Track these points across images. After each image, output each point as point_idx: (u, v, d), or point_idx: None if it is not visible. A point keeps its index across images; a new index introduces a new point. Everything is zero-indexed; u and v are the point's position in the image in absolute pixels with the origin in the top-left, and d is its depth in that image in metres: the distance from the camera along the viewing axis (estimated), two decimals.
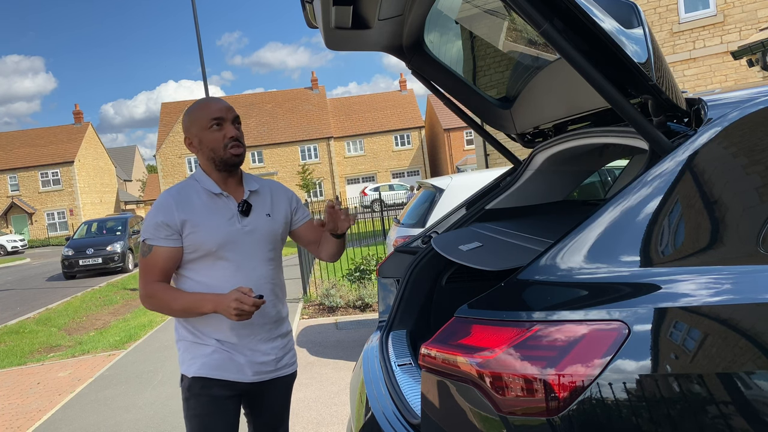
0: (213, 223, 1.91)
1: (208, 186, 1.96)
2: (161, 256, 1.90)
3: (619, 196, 1.29)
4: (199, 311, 1.86)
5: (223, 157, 1.93)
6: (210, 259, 1.91)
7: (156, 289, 1.91)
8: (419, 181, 6.77)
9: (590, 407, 1.12)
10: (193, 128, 1.96)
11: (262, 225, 2.00)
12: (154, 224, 1.89)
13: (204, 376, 1.92)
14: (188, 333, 1.97)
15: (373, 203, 28.35)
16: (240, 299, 1.76)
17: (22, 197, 43.57)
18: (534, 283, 1.25)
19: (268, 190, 2.09)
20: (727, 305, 1.16)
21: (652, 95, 1.36)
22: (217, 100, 1.98)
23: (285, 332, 2.07)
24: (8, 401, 5.37)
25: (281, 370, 2.04)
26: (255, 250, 1.97)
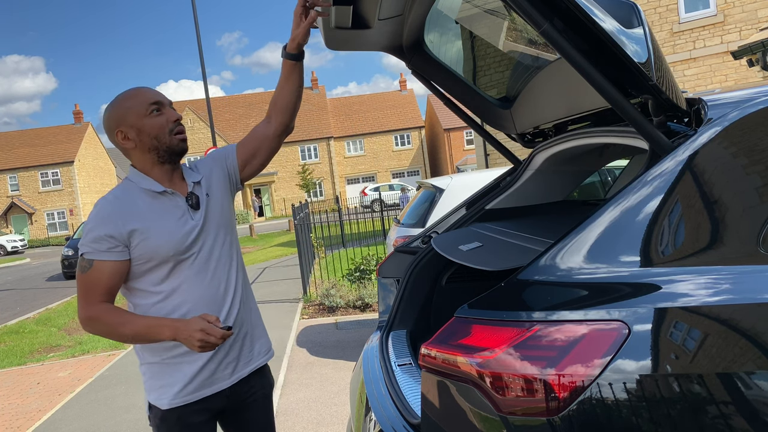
0: (165, 226, 1.71)
1: (149, 185, 1.75)
2: (104, 272, 1.67)
3: (619, 196, 1.29)
4: (154, 338, 1.65)
5: (170, 144, 1.74)
6: (168, 265, 1.72)
7: (100, 311, 1.67)
8: (419, 181, 6.77)
9: (590, 407, 1.12)
10: (129, 118, 1.72)
11: (212, 210, 1.82)
12: (94, 237, 1.67)
13: (180, 405, 1.75)
14: (151, 353, 1.77)
15: (373, 203, 28.34)
16: (206, 330, 1.57)
17: (22, 197, 43.56)
18: (534, 283, 1.24)
19: (205, 169, 1.90)
20: (727, 305, 1.16)
21: (653, 95, 1.36)
22: (145, 88, 1.79)
23: (255, 321, 1.92)
24: (8, 401, 5.37)
25: (255, 360, 1.89)
26: (213, 240, 1.80)
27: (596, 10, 1.26)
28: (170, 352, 1.75)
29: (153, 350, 1.76)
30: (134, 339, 1.68)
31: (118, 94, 1.80)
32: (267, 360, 1.97)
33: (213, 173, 1.90)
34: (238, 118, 48.11)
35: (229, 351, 1.82)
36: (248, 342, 1.88)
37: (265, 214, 45.52)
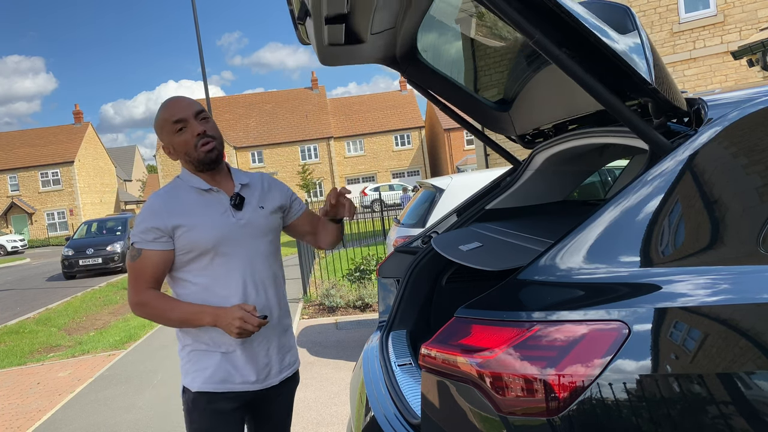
0: (207, 219, 1.84)
1: (196, 183, 1.89)
2: (151, 260, 1.82)
3: (619, 196, 1.29)
4: (196, 323, 1.80)
5: (198, 157, 1.85)
6: (207, 257, 1.84)
7: (149, 297, 1.82)
8: (419, 181, 6.77)
9: (590, 407, 1.12)
10: (162, 135, 1.89)
11: (256, 218, 1.93)
12: (144, 228, 1.82)
13: (210, 391, 1.85)
14: (192, 340, 1.88)
15: (373, 203, 28.34)
16: (244, 318, 1.71)
17: (22, 197, 43.57)
18: (534, 283, 1.24)
19: (259, 183, 2.03)
20: (727, 305, 1.16)
21: (653, 98, 1.36)
22: (176, 100, 1.90)
23: (286, 328, 2.02)
24: (8, 401, 5.37)
25: (285, 371, 1.99)
26: (252, 244, 1.90)
27: (589, 17, 1.25)
28: (209, 339, 1.85)
29: (194, 336, 1.86)
30: (180, 323, 1.83)
31: (160, 105, 1.93)
32: (295, 370, 2.07)
33: (276, 197, 2.04)
34: (238, 118, 48.11)
35: (266, 355, 1.92)
36: (281, 353, 1.98)
37: None
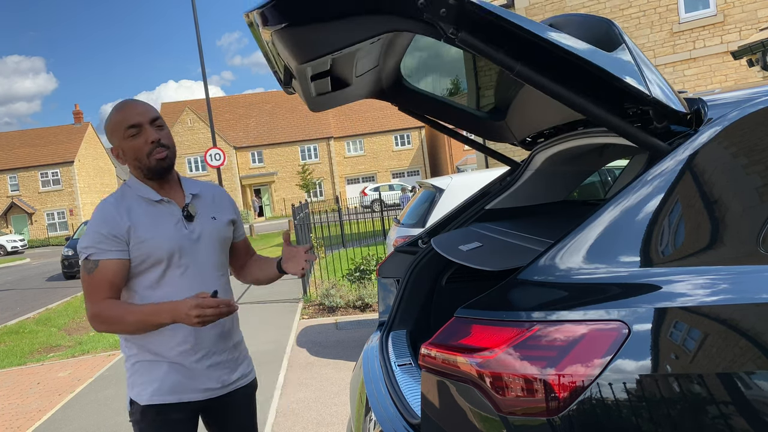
0: (160, 230, 1.79)
1: (146, 193, 1.83)
2: (110, 270, 1.74)
3: (619, 196, 1.29)
4: (155, 323, 1.72)
5: (149, 165, 1.79)
6: (160, 269, 1.79)
7: (105, 306, 1.74)
8: (419, 181, 6.77)
9: (590, 407, 1.12)
10: (114, 138, 1.81)
11: (209, 229, 1.88)
12: (99, 237, 1.74)
13: (159, 403, 1.80)
14: (138, 350, 1.82)
15: (373, 203, 28.34)
16: (200, 304, 1.64)
17: (22, 197, 43.57)
18: (534, 283, 1.24)
19: (210, 194, 1.98)
20: (727, 305, 1.16)
21: (653, 106, 1.36)
22: (132, 103, 1.82)
23: (237, 341, 1.97)
24: (8, 401, 5.37)
25: (238, 382, 1.94)
26: (205, 256, 1.86)
27: (573, 42, 1.26)
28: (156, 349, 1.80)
29: (140, 346, 1.81)
30: (138, 327, 1.75)
31: (113, 107, 1.86)
32: (251, 380, 2.01)
33: (225, 209, 2.00)
34: (238, 118, 48.11)
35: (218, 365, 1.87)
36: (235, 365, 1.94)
37: (265, 214, 45.52)
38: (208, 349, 1.84)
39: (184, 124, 44.27)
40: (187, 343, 1.80)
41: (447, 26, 1.25)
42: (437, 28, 1.26)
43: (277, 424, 4.01)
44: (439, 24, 1.25)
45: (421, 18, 1.24)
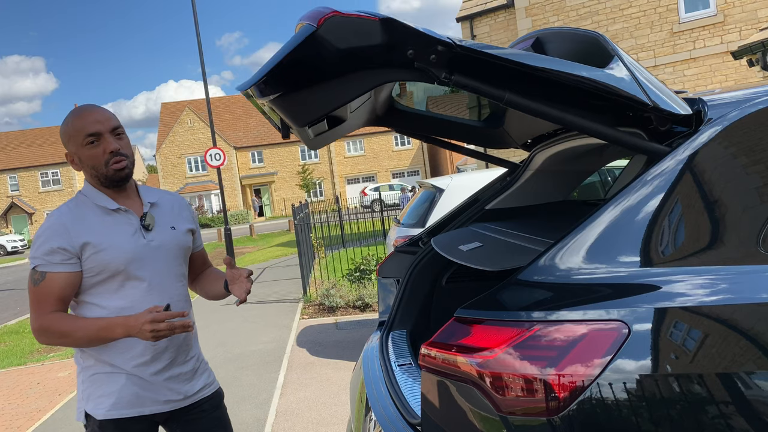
0: (117, 240, 1.74)
1: (102, 202, 1.78)
2: (57, 283, 1.69)
3: (619, 196, 1.29)
4: (108, 338, 1.68)
5: (107, 174, 1.75)
6: (118, 280, 1.74)
7: (52, 320, 1.69)
8: (419, 181, 6.77)
9: (590, 407, 1.12)
10: (70, 145, 1.76)
11: (168, 239, 1.85)
12: (48, 249, 1.69)
13: (117, 417, 1.74)
14: (95, 362, 1.77)
15: (373, 203, 28.34)
16: (155, 318, 1.61)
17: (22, 197, 43.58)
18: (534, 283, 1.24)
19: (169, 203, 1.94)
20: (727, 305, 1.16)
21: (654, 113, 1.36)
22: (91, 110, 1.76)
23: (196, 354, 1.93)
24: (8, 401, 5.37)
25: (201, 392, 1.91)
26: (164, 266, 1.82)
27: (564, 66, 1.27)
28: (112, 360, 1.76)
29: (96, 357, 1.77)
30: (89, 342, 1.71)
31: (70, 112, 1.81)
32: (212, 392, 1.97)
33: (184, 218, 1.96)
34: (238, 118, 48.11)
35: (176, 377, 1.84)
36: (196, 376, 1.91)
37: (265, 214, 45.52)
38: (166, 361, 1.80)
39: (184, 124, 44.27)
40: (146, 356, 1.76)
41: (439, 71, 1.27)
42: (430, 74, 1.27)
43: (277, 424, 4.01)
44: (430, 70, 1.27)
45: (413, 67, 1.26)
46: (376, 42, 1.23)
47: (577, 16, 12.95)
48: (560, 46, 1.63)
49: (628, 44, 12.48)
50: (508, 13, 14.38)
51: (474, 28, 14.89)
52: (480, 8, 14.69)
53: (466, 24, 14.94)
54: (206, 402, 1.92)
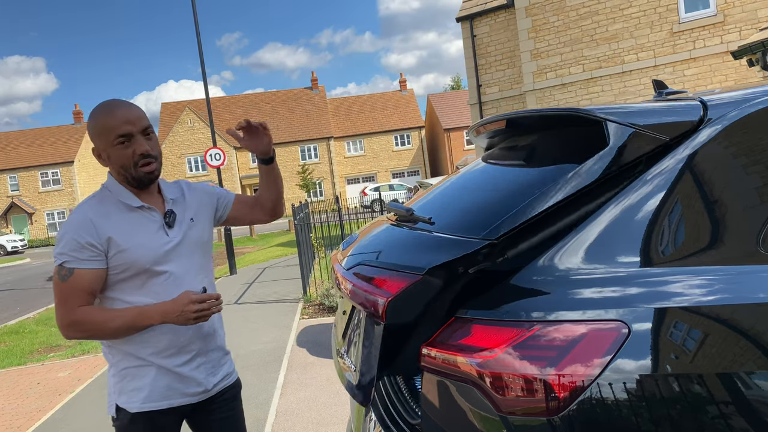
0: (141, 239, 1.75)
1: (126, 199, 1.78)
2: (85, 279, 1.69)
3: (619, 196, 1.28)
4: (143, 325, 1.70)
5: (135, 175, 1.76)
6: (142, 277, 1.75)
7: (83, 312, 1.69)
8: (419, 181, 6.77)
9: (590, 407, 1.12)
10: (99, 142, 1.75)
11: (189, 233, 1.86)
12: (76, 245, 1.68)
13: (149, 410, 1.77)
14: (123, 356, 1.78)
15: (373, 203, 28.34)
16: (199, 299, 1.65)
17: (22, 197, 43.58)
18: (534, 283, 1.24)
19: (183, 194, 1.94)
20: (727, 305, 1.16)
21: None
22: (123, 107, 1.75)
23: (220, 343, 1.96)
24: (8, 401, 5.37)
25: (222, 382, 1.93)
26: (187, 260, 1.83)
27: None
28: (140, 354, 1.78)
29: (125, 353, 1.78)
30: (125, 331, 1.71)
31: (98, 105, 1.79)
32: (234, 379, 2.01)
33: (203, 203, 1.96)
34: (238, 118, 47.99)
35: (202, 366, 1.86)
36: (220, 366, 1.93)
37: None
38: (192, 353, 1.83)
39: (184, 124, 44.28)
40: (173, 348, 1.79)
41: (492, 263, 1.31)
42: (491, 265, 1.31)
43: (277, 424, 4.01)
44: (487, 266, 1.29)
45: (473, 276, 1.29)
46: (437, 287, 1.27)
47: (577, 15, 12.95)
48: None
49: (628, 44, 12.48)
50: (508, 13, 14.38)
51: (474, 28, 14.89)
52: (480, 8, 14.69)
53: (466, 24, 14.94)
54: (227, 391, 1.95)
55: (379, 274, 1.40)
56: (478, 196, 1.52)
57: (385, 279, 1.36)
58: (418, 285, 1.27)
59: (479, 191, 1.56)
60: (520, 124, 1.78)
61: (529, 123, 1.75)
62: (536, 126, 1.71)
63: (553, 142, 1.57)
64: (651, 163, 1.32)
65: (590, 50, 12.90)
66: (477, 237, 1.29)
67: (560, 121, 1.57)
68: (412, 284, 1.28)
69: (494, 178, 1.58)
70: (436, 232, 1.43)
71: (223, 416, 1.94)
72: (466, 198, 1.57)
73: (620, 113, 1.37)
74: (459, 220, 1.43)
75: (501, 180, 1.53)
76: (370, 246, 1.63)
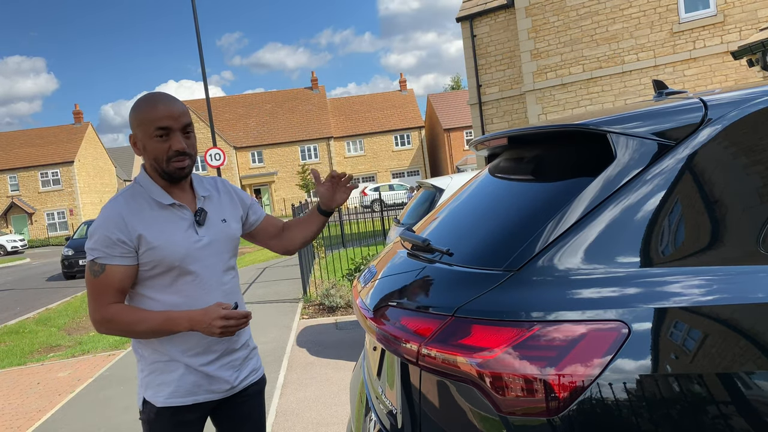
0: (171, 236, 1.75)
1: (157, 196, 1.78)
2: (117, 275, 1.70)
3: (619, 195, 1.28)
4: (171, 331, 1.72)
5: (167, 169, 1.76)
6: (172, 274, 1.75)
7: (114, 311, 1.71)
8: (419, 181, 6.77)
9: (590, 407, 1.12)
10: (138, 131, 1.76)
11: (219, 233, 1.85)
12: (108, 241, 1.69)
13: (175, 405, 1.79)
14: (152, 352, 1.80)
15: (373, 203, 28.35)
16: (227, 316, 1.67)
17: (22, 197, 43.57)
18: (533, 283, 1.24)
19: (218, 192, 1.94)
20: (727, 305, 1.16)
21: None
22: (166, 100, 1.75)
23: (246, 340, 1.96)
24: (8, 401, 5.37)
25: (249, 378, 1.94)
26: (216, 260, 1.83)
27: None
28: (169, 351, 1.79)
29: (154, 348, 1.80)
30: (152, 334, 1.74)
31: (144, 95, 1.79)
32: (260, 375, 2.02)
33: (233, 206, 1.97)
34: (238, 118, 48.11)
35: (230, 365, 1.87)
36: (245, 363, 1.94)
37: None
38: (219, 352, 1.84)
39: None
40: (199, 347, 1.80)
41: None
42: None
43: (277, 424, 4.01)
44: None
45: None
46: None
47: (577, 16, 12.95)
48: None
49: (628, 44, 12.48)
50: (508, 13, 14.38)
51: (474, 28, 14.89)
52: (480, 8, 14.70)
53: (466, 24, 14.94)
54: (252, 387, 1.96)
55: (408, 317, 1.37)
56: (492, 221, 1.49)
57: (415, 321, 1.34)
58: (450, 326, 1.26)
59: (492, 214, 1.53)
60: (522, 139, 1.77)
61: (532, 138, 1.74)
62: (540, 139, 1.70)
63: (559, 155, 1.55)
64: (651, 162, 1.32)
65: (590, 50, 12.91)
66: (499, 269, 1.28)
67: (563, 134, 1.56)
68: (443, 326, 1.27)
69: (505, 199, 1.54)
70: (457, 265, 1.40)
71: (246, 412, 1.95)
72: (480, 223, 1.54)
73: (622, 122, 1.36)
74: (478, 250, 1.40)
75: (513, 201, 1.50)
76: (392, 283, 1.59)
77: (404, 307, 1.42)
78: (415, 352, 1.29)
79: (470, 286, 1.29)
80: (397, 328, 1.38)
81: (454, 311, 1.26)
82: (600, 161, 1.35)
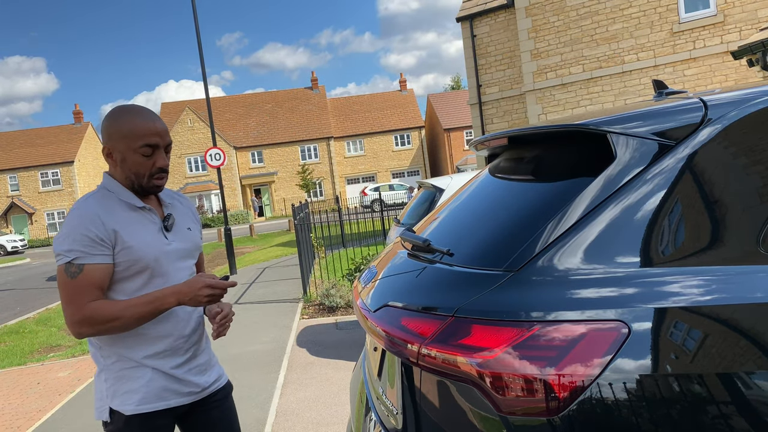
0: (144, 237, 1.75)
1: (128, 198, 1.78)
2: (97, 273, 1.67)
3: (619, 195, 1.28)
4: (160, 309, 1.70)
5: (146, 185, 1.78)
6: (144, 276, 1.75)
7: (95, 306, 1.65)
8: (419, 181, 6.77)
9: (590, 407, 1.12)
10: (119, 143, 1.74)
11: (186, 240, 1.89)
12: (86, 240, 1.65)
13: (144, 412, 1.75)
14: (118, 359, 1.76)
15: (373, 203, 28.35)
16: (211, 284, 1.70)
17: (22, 197, 43.58)
18: (533, 283, 1.24)
19: (180, 204, 1.98)
20: (727, 305, 1.16)
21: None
22: (152, 116, 1.76)
23: (206, 346, 1.98)
24: (8, 401, 5.37)
25: (215, 384, 1.95)
26: (183, 265, 1.86)
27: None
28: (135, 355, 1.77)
29: (120, 354, 1.77)
30: (141, 319, 1.69)
31: (124, 107, 1.78)
32: (224, 383, 2.02)
33: (195, 220, 2.02)
34: (238, 118, 48.10)
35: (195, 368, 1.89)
36: (210, 369, 1.96)
37: (265, 214, 45.52)
38: (186, 355, 1.85)
39: (184, 124, 44.27)
40: (166, 351, 1.80)
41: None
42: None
43: (277, 424, 4.01)
44: None
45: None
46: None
47: (577, 15, 12.95)
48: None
49: (628, 44, 12.48)
50: (508, 13, 14.38)
51: (474, 28, 14.89)
52: (480, 8, 14.70)
53: (466, 24, 14.94)
54: (219, 392, 1.98)
55: (408, 317, 1.38)
56: (492, 221, 1.49)
57: (415, 322, 1.34)
58: (450, 326, 1.26)
59: (493, 214, 1.52)
60: (522, 139, 1.77)
61: (532, 139, 1.74)
62: (540, 139, 1.70)
63: (559, 155, 1.55)
64: (651, 162, 1.32)
65: (590, 50, 12.91)
66: (499, 269, 1.28)
67: (564, 134, 1.56)
68: (444, 327, 1.27)
69: (505, 199, 1.55)
70: (457, 265, 1.40)
71: (217, 416, 1.95)
72: (481, 223, 1.54)
73: (623, 122, 1.36)
74: (478, 250, 1.40)
75: (513, 201, 1.50)
76: (393, 284, 1.60)
77: (404, 308, 1.42)
78: (415, 352, 1.29)
79: (470, 286, 1.30)
80: (398, 328, 1.38)
81: (455, 311, 1.26)
82: (600, 161, 1.35)
